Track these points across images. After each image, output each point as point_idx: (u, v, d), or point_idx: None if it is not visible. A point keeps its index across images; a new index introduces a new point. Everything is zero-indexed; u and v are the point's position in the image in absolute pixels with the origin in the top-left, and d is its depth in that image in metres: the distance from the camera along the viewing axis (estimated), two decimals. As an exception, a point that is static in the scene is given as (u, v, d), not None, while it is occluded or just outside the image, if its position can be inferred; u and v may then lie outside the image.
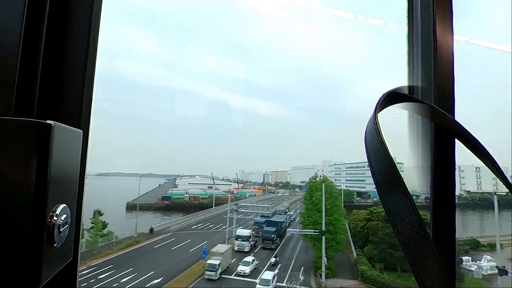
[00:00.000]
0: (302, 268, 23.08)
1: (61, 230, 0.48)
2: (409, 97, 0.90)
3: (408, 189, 0.51)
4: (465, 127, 0.80)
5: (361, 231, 26.95)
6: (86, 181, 0.59)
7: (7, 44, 0.51)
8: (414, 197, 0.54)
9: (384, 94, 0.73)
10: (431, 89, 0.92)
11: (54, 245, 0.47)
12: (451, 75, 0.94)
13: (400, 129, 1.07)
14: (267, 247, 27.00)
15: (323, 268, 21.53)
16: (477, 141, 0.77)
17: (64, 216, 0.49)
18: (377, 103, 0.69)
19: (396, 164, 0.54)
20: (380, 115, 0.68)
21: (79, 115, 0.59)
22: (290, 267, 23.18)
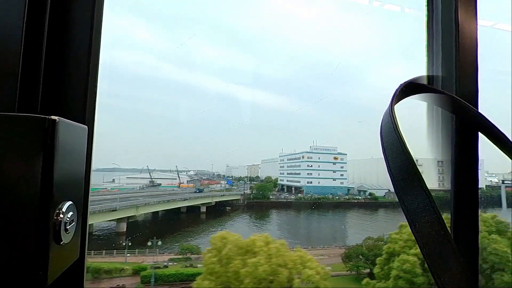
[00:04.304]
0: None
1: (67, 227, 0.50)
2: (428, 88, 0.90)
3: (427, 186, 0.51)
4: (489, 119, 0.79)
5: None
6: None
7: (9, 38, 0.52)
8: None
9: (401, 84, 0.73)
10: (452, 79, 0.91)
11: (61, 243, 0.49)
12: (475, 64, 0.93)
13: (419, 122, 1.06)
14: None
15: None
16: (503, 134, 0.77)
17: (71, 213, 0.51)
18: (394, 95, 0.69)
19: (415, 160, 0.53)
20: (397, 107, 0.68)
21: (83, 110, 0.60)
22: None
